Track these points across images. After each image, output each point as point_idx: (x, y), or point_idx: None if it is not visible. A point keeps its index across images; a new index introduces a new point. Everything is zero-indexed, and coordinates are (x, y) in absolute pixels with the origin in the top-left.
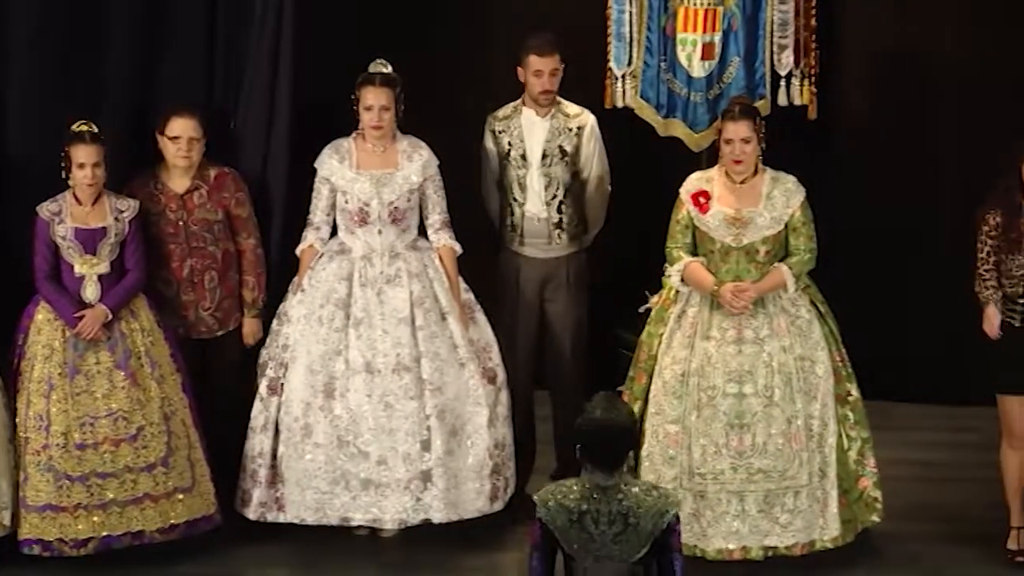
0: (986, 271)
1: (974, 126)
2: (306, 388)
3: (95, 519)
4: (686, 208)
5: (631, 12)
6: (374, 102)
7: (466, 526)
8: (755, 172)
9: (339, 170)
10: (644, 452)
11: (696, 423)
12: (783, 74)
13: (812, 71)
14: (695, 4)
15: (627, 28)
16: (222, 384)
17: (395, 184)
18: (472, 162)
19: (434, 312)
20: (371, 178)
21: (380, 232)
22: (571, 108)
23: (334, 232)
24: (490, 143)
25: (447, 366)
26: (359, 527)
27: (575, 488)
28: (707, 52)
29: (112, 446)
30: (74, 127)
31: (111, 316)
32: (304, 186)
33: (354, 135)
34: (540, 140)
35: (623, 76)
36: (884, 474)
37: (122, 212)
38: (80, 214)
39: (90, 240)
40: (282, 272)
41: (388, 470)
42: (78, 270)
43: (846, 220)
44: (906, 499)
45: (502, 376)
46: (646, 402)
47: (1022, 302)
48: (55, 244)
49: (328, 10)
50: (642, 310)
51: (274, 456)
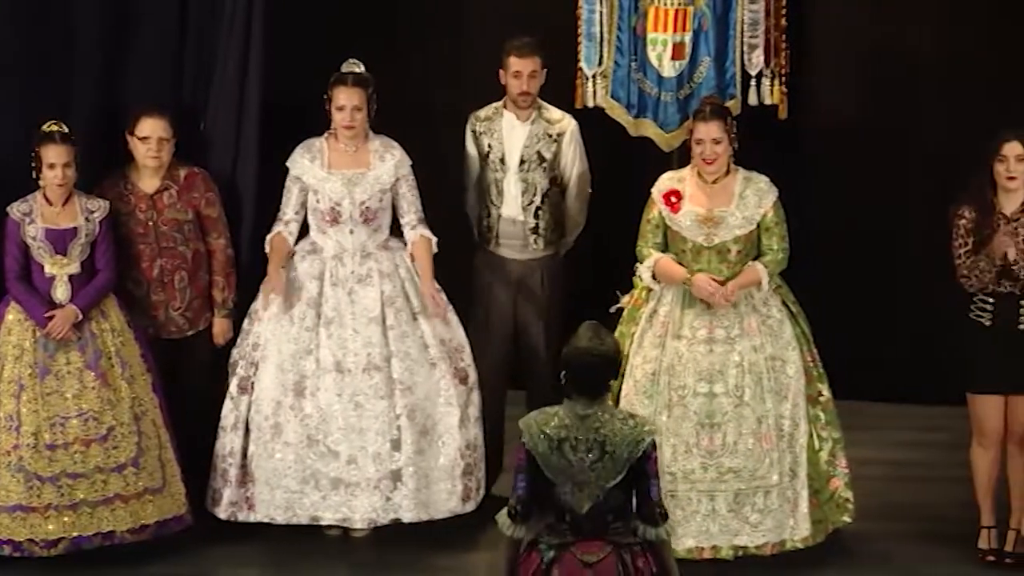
0: (966, 258)
1: (946, 126)
2: (276, 387)
3: (65, 519)
4: (658, 208)
5: (601, 12)
6: (346, 102)
7: (437, 526)
8: (727, 172)
9: (311, 169)
10: None
11: (667, 422)
12: (753, 74)
13: (783, 71)
14: (665, 4)
15: (597, 28)
16: (192, 384)
17: (367, 184)
18: (444, 162)
19: (405, 312)
20: (343, 178)
21: (352, 232)
22: (553, 113)
23: (304, 232)
24: (470, 143)
25: (417, 366)
26: (331, 527)
27: (557, 415)
28: (677, 52)
29: (83, 446)
30: (44, 127)
31: (81, 316)
32: (274, 186)
33: (326, 135)
34: (519, 145)
35: (594, 76)
36: (856, 473)
37: (92, 212)
38: (50, 214)
39: (60, 240)
40: (252, 272)
41: (358, 469)
42: (48, 270)
43: (817, 220)
44: (878, 498)
45: (474, 377)
46: (617, 401)
47: (993, 301)
48: (25, 244)
49: (298, 10)
50: (613, 310)
51: (244, 455)
